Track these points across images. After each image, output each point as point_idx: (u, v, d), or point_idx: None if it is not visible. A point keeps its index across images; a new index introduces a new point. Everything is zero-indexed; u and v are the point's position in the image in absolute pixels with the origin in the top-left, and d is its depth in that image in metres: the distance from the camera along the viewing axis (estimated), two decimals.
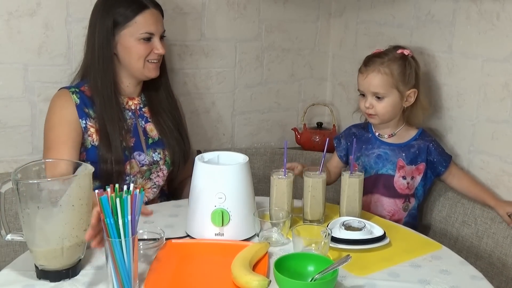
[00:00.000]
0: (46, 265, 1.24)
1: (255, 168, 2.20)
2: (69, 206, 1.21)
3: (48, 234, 1.22)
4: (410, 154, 1.81)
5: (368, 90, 1.78)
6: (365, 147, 1.87)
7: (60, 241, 1.22)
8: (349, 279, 1.28)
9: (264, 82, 2.42)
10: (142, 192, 1.18)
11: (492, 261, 1.72)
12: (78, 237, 1.24)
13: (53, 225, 1.21)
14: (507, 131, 1.76)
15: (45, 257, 1.23)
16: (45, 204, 1.20)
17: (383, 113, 1.78)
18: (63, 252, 1.23)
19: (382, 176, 1.83)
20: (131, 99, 1.83)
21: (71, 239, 1.23)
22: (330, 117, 2.50)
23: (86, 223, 1.26)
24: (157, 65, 1.79)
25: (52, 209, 1.20)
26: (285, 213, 1.51)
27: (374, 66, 1.76)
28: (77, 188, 1.22)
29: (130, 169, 1.75)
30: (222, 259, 1.33)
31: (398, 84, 1.76)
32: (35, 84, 1.95)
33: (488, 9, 1.77)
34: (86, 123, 1.73)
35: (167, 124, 1.85)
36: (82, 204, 1.23)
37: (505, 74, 1.74)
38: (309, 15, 2.44)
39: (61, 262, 1.24)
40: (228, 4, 2.24)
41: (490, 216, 1.76)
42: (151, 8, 1.74)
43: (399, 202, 1.83)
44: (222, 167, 1.48)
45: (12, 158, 1.93)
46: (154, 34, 1.74)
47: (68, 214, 1.22)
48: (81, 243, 1.26)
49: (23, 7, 1.88)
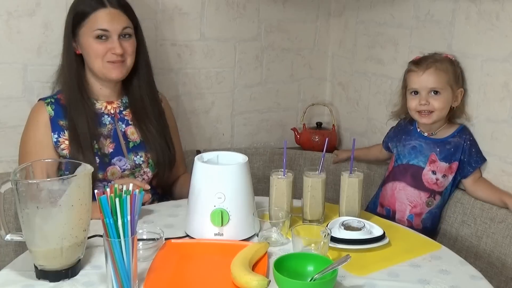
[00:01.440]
0: (46, 265, 1.24)
1: (254, 168, 2.20)
2: (68, 206, 1.21)
3: (47, 234, 1.22)
4: (445, 150, 1.82)
5: (426, 86, 1.79)
6: (404, 137, 1.92)
7: (60, 241, 1.22)
8: (349, 279, 1.28)
9: (264, 82, 2.42)
10: (142, 192, 1.18)
11: (492, 260, 1.72)
12: (77, 237, 1.24)
13: (53, 225, 1.21)
14: (506, 131, 1.76)
15: (44, 257, 1.23)
16: (45, 204, 1.20)
17: (440, 108, 1.79)
18: (63, 252, 1.22)
19: (413, 167, 1.85)
20: (109, 103, 1.79)
21: (70, 239, 1.23)
22: (330, 117, 2.50)
23: (85, 223, 1.26)
24: (117, 66, 1.70)
25: (51, 209, 1.20)
26: (285, 213, 1.51)
27: (429, 64, 1.80)
28: (77, 188, 1.22)
29: (111, 175, 1.73)
30: (222, 259, 1.33)
31: (452, 82, 1.79)
32: (35, 84, 1.95)
33: (488, 9, 1.77)
34: (59, 137, 1.70)
35: (150, 130, 1.80)
36: (81, 204, 1.23)
37: (504, 74, 1.74)
38: (309, 15, 2.44)
39: (61, 262, 1.24)
40: (228, 4, 2.24)
41: (489, 216, 1.76)
42: (109, 7, 1.68)
43: (424, 195, 1.83)
44: (222, 167, 1.48)
45: (12, 158, 1.93)
46: (109, 31, 1.67)
47: (68, 214, 1.22)
48: (80, 243, 1.26)
49: (23, 7, 1.88)
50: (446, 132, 1.86)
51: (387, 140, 2.02)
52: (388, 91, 2.19)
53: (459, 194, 1.86)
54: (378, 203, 1.94)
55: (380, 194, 1.95)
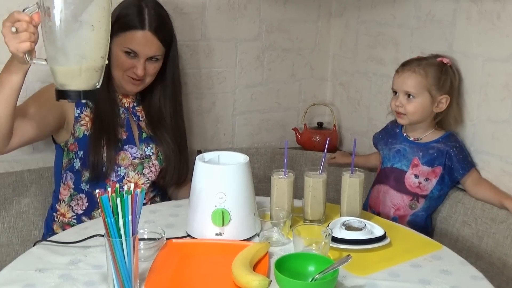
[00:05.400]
0: (65, 83, 1.25)
1: (255, 168, 2.20)
2: (88, 25, 1.22)
3: (68, 50, 1.23)
4: (428, 154, 1.82)
5: (401, 88, 1.82)
6: (390, 140, 1.93)
7: (79, 60, 1.23)
8: (350, 279, 1.28)
9: (265, 82, 2.42)
10: (143, 191, 1.19)
11: (493, 261, 1.72)
12: (95, 61, 1.25)
13: (72, 41, 1.22)
14: (507, 131, 1.76)
15: (64, 75, 1.25)
16: (66, 18, 1.21)
17: (412, 112, 1.80)
18: (81, 72, 1.24)
19: (396, 170, 1.87)
20: (125, 97, 1.84)
21: (89, 60, 1.24)
22: (331, 117, 2.50)
23: (103, 50, 1.26)
24: (136, 82, 1.76)
25: (72, 24, 1.21)
26: (286, 213, 1.51)
27: (410, 67, 1.82)
28: (98, 8, 1.22)
29: (121, 160, 1.76)
30: (223, 259, 1.33)
31: (431, 87, 1.79)
32: (36, 84, 1.94)
33: (489, 9, 1.77)
34: (81, 112, 1.74)
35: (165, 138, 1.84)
36: (101, 27, 1.23)
37: (505, 74, 1.74)
38: (310, 15, 2.44)
39: (79, 83, 1.25)
40: (229, 4, 2.24)
41: (490, 216, 1.76)
42: (147, 31, 1.71)
43: (407, 198, 1.85)
44: (223, 167, 1.48)
45: (13, 158, 1.93)
46: (138, 54, 1.71)
47: (87, 33, 1.22)
48: (98, 69, 1.27)
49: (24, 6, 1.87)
50: (432, 137, 1.86)
51: (375, 142, 2.04)
52: (389, 91, 2.18)
53: (460, 195, 1.86)
54: (367, 204, 1.95)
55: (369, 196, 1.97)
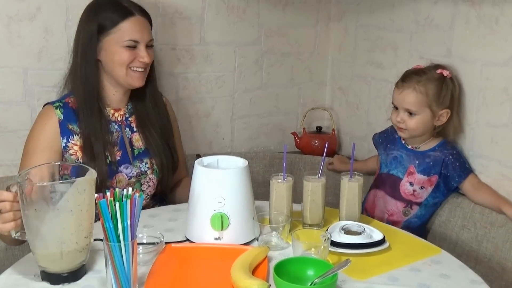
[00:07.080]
0: (47, 267, 1.24)
1: (254, 172, 2.20)
2: (66, 211, 1.20)
3: (45, 238, 1.21)
4: (424, 163, 1.83)
5: (402, 105, 1.81)
6: (389, 146, 1.94)
7: (58, 245, 1.21)
8: (349, 283, 1.28)
9: (264, 86, 2.42)
10: (142, 196, 1.18)
11: (492, 265, 1.72)
12: (77, 243, 1.23)
13: (50, 229, 1.21)
14: (506, 135, 1.76)
15: (44, 259, 1.23)
16: (42, 207, 1.19)
17: (413, 129, 1.81)
18: (63, 256, 1.22)
19: (392, 177, 1.88)
20: (117, 111, 1.79)
21: (70, 244, 1.22)
22: (330, 121, 2.50)
23: (86, 230, 1.24)
24: (141, 74, 1.73)
25: (49, 212, 1.20)
26: (285, 217, 1.51)
27: (410, 83, 1.80)
28: (76, 193, 1.21)
29: (117, 183, 1.73)
30: (222, 263, 1.33)
31: (432, 103, 1.78)
32: (35, 88, 1.95)
33: (487, 13, 1.77)
34: (68, 141, 1.69)
35: (153, 136, 1.80)
36: (81, 210, 1.22)
37: (504, 78, 1.75)
38: (309, 19, 2.44)
39: (61, 266, 1.23)
40: (228, 8, 2.24)
41: (489, 220, 1.76)
42: (137, 15, 1.70)
43: (400, 205, 1.86)
44: (222, 171, 1.49)
45: (12, 162, 1.93)
46: (139, 42, 1.69)
47: (66, 219, 1.21)
48: (82, 249, 1.25)
49: (23, 11, 1.88)
50: (429, 146, 1.86)
51: (375, 143, 2.04)
52: (388, 95, 2.19)
53: (459, 199, 1.86)
54: (364, 208, 1.96)
55: (365, 199, 1.97)
